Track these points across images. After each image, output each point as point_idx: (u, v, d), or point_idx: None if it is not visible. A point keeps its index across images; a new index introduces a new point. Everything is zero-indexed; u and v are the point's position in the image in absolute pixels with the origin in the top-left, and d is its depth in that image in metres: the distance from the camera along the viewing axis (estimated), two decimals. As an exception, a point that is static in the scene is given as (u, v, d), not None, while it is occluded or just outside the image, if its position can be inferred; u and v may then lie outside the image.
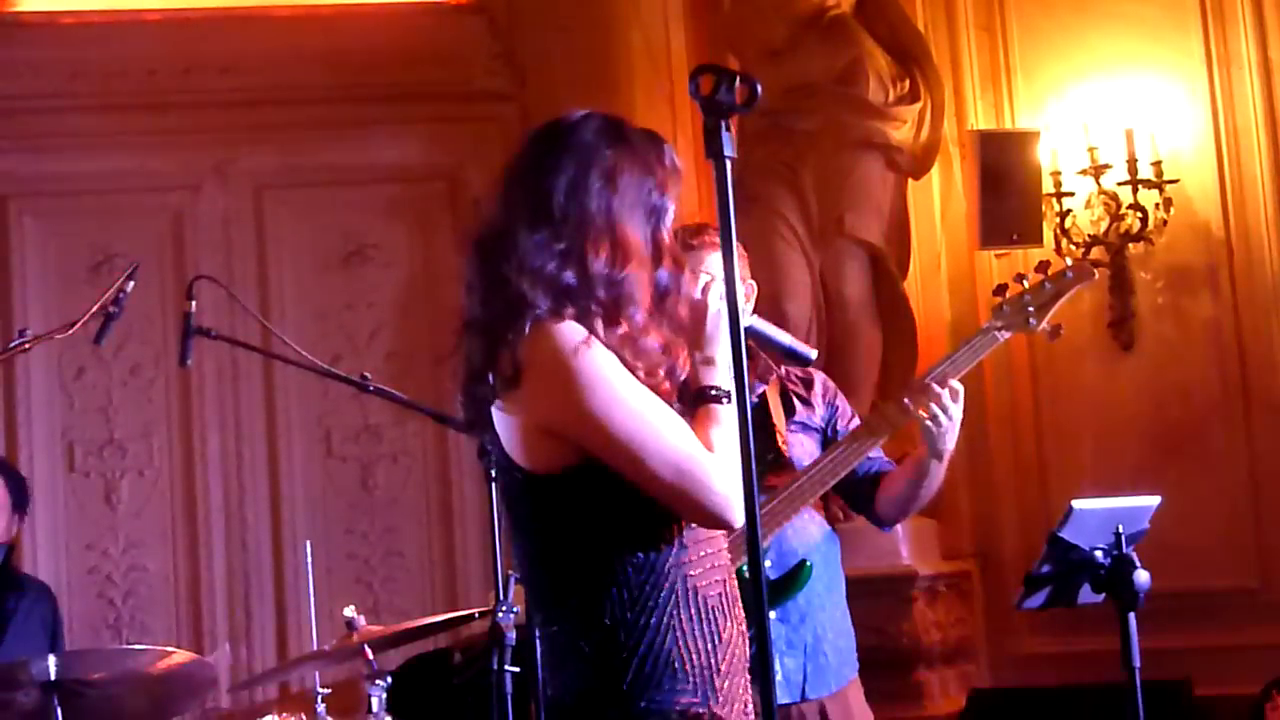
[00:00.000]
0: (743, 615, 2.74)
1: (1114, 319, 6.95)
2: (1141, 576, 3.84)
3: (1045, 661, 6.81)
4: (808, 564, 3.89)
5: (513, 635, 4.17)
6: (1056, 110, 7.07)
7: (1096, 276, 4.11)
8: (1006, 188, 6.88)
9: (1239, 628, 6.68)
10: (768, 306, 4.30)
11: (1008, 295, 3.88)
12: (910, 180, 7.08)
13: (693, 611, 2.67)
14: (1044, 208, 6.97)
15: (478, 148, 7.59)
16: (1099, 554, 3.89)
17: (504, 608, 4.21)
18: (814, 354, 2.99)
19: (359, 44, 7.50)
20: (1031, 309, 3.85)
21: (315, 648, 4.82)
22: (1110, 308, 6.95)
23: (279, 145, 7.46)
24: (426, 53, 7.58)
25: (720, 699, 2.67)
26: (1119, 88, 6.94)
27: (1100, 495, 4.21)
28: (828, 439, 4.07)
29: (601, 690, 2.65)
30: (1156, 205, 6.89)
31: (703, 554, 2.70)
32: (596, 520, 2.65)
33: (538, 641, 2.82)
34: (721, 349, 2.73)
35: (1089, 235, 6.97)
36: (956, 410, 3.76)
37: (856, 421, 4.08)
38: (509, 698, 4.25)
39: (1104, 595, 3.95)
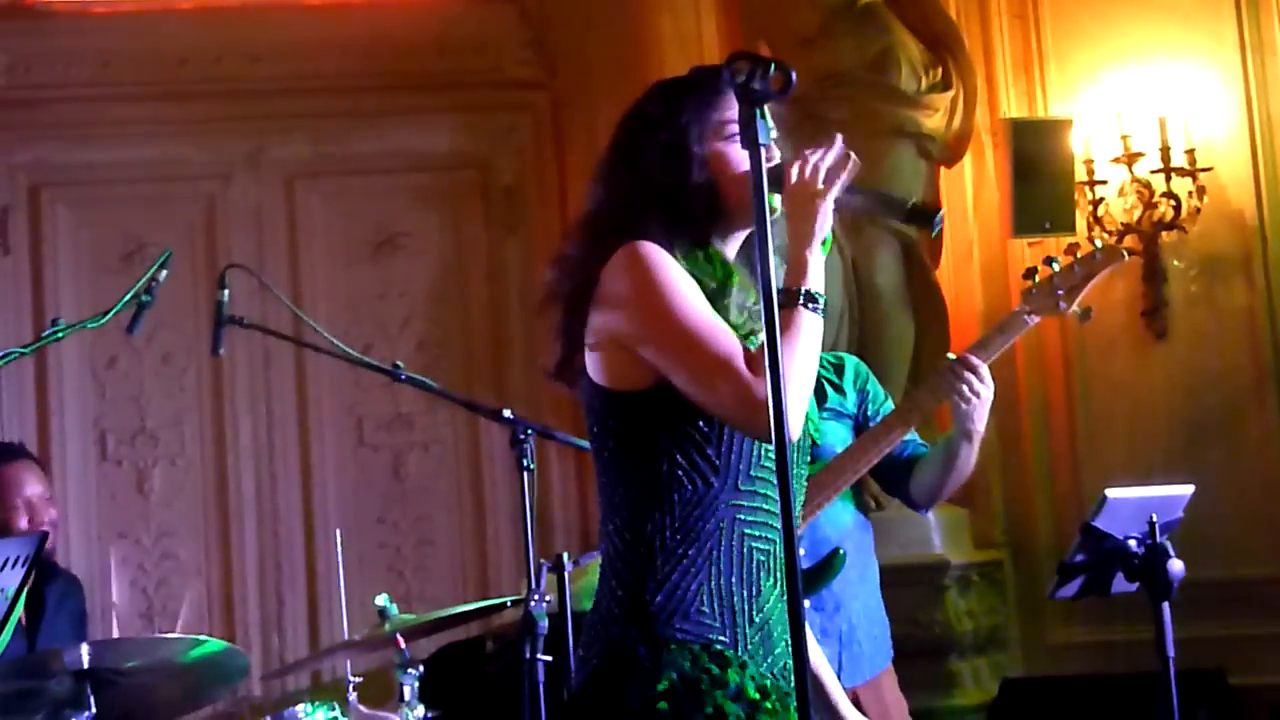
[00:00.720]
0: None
1: (1147, 307, 6.92)
2: (1175, 566, 3.84)
3: (1077, 651, 6.80)
4: (841, 552, 3.89)
5: (544, 624, 4.18)
6: (1089, 98, 7.04)
7: (1126, 258, 4.09)
8: (1039, 176, 6.85)
9: (1273, 617, 6.64)
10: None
11: (1037, 279, 3.86)
12: (943, 168, 7.07)
13: (736, 557, 2.69)
14: (1077, 196, 6.94)
15: (508, 136, 7.60)
16: (1133, 543, 3.89)
17: (536, 596, 4.21)
18: (942, 212, 2.90)
19: (389, 33, 7.50)
20: (1061, 292, 3.83)
21: (346, 636, 4.83)
22: (1143, 296, 6.92)
23: (310, 134, 7.48)
24: (457, 41, 7.58)
25: (748, 649, 2.68)
26: (1152, 75, 6.90)
27: (1133, 484, 4.21)
28: (859, 425, 4.07)
29: (630, 607, 2.68)
30: (1190, 193, 6.86)
31: (759, 506, 2.72)
32: (657, 443, 2.70)
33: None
34: (815, 245, 2.71)
35: (1122, 223, 6.94)
36: (985, 389, 3.75)
37: (889, 406, 4.08)
38: (541, 686, 4.26)
39: (1138, 584, 3.94)
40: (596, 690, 2.71)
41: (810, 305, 2.66)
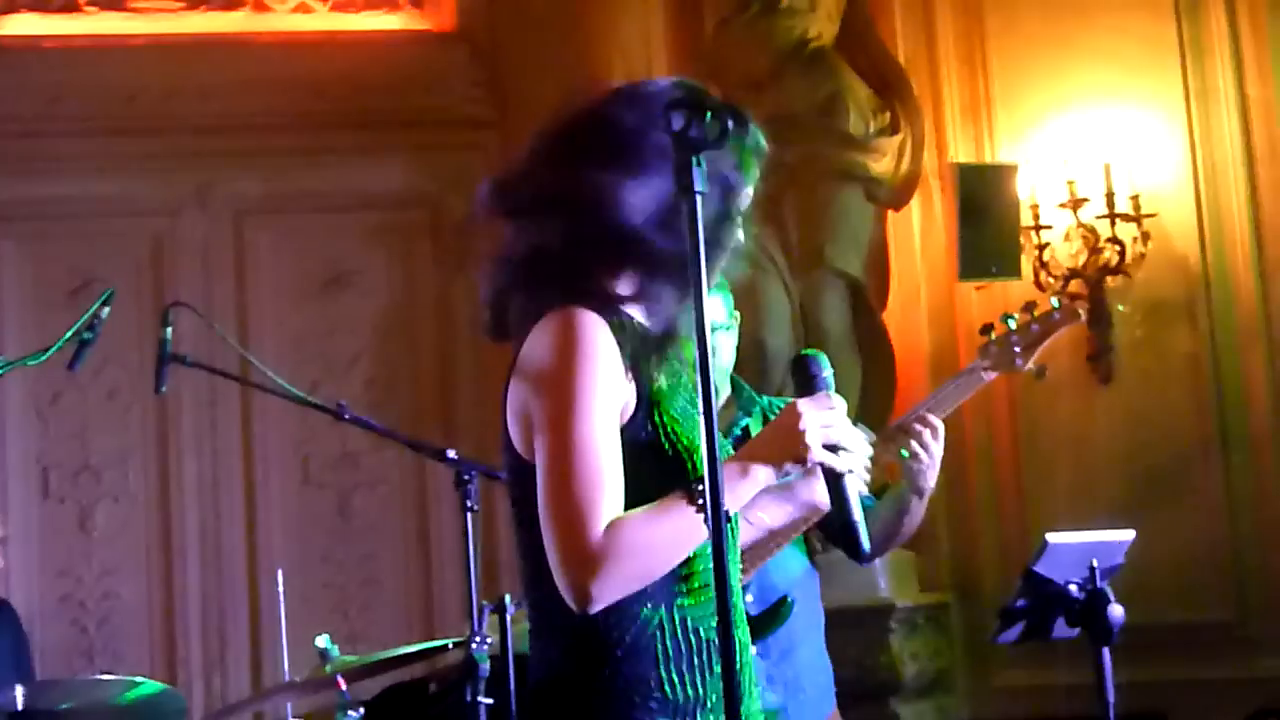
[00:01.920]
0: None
1: (1092, 352, 6.96)
2: (1115, 611, 3.84)
3: (1023, 694, 6.80)
4: (789, 600, 3.88)
5: (486, 666, 4.16)
6: (1036, 143, 7.09)
7: (1083, 317, 4.11)
8: (986, 220, 6.89)
9: (1216, 661, 6.68)
10: (747, 338, 4.30)
11: (994, 335, 3.86)
12: (890, 212, 7.10)
13: (680, 642, 2.51)
14: (1023, 240, 6.98)
15: (459, 175, 7.58)
16: (1073, 588, 3.89)
17: (478, 638, 4.20)
18: (866, 548, 2.65)
19: (341, 71, 7.49)
20: (1018, 349, 3.83)
21: (288, 678, 4.80)
22: (1089, 341, 6.96)
23: (260, 171, 7.46)
24: (408, 80, 7.57)
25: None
26: (1098, 121, 6.96)
27: (1078, 528, 4.22)
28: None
29: (585, 685, 2.50)
30: (1134, 239, 6.91)
31: (700, 584, 2.53)
32: None
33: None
34: (765, 473, 2.49)
35: (1067, 268, 6.98)
36: (937, 448, 3.74)
37: None
38: (483, 729, 4.24)
39: (1079, 629, 3.95)
40: None
41: (698, 508, 2.41)
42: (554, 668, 2.55)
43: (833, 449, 2.52)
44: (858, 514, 2.57)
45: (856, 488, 2.58)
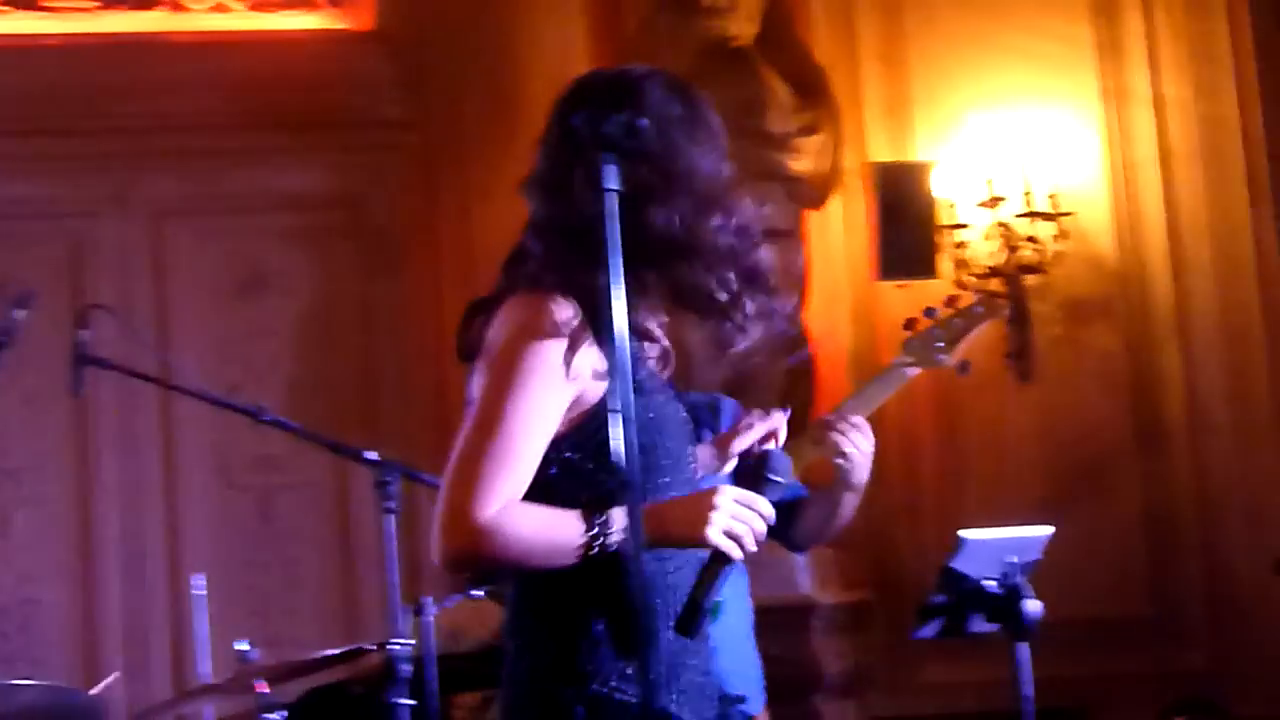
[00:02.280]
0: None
1: (1011, 350, 7.00)
2: (1032, 606, 3.86)
3: (943, 690, 6.83)
4: (718, 603, 3.89)
5: (408, 668, 4.16)
6: (955, 142, 7.13)
7: (1007, 311, 4.13)
8: (904, 219, 6.93)
9: (1133, 656, 6.75)
10: (668, 337, 4.29)
11: (915, 330, 3.87)
12: (811, 211, 7.12)
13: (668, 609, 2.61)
14: (941, 239, 7.02)
15: (379, 176, 7.57)
16: (991, 584, 3.91)
17: (399, 640, 4.19)
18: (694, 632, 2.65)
19: (261, 71, 7.45)
20: (940, 344, 3.84)
21: (209, 681, 4.78)
22: (1007, 339, 7.00)
23: (179, 172, 7.40)
24: (329, 80, 7.53)
25: (679, 699, 2.63)
26: (1016, 121, 7.01)
27: (999, 525, 4.24)
28: (738, 468, 4.06)
29: (559, 664, 2.59)
30: (1052, 237, 6.96)
31: (681, 564, 2.65)
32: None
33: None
34: (664, 534, 2.54)
35: (986, 266, 7.02)
36: (866, 444, 3.75)
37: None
38: (404, 730, 4.24)
39: (997, 625, 3.97)
40: None
41: (596, 543, 2.50)
42: (543, 649, 2.61)
43: (734, 539, 2.57)
44: (710, 600, 2.61)
45: (728, 577, 2.62)
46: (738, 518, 2.57)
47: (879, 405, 3.82)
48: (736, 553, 2.57)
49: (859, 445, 3.73)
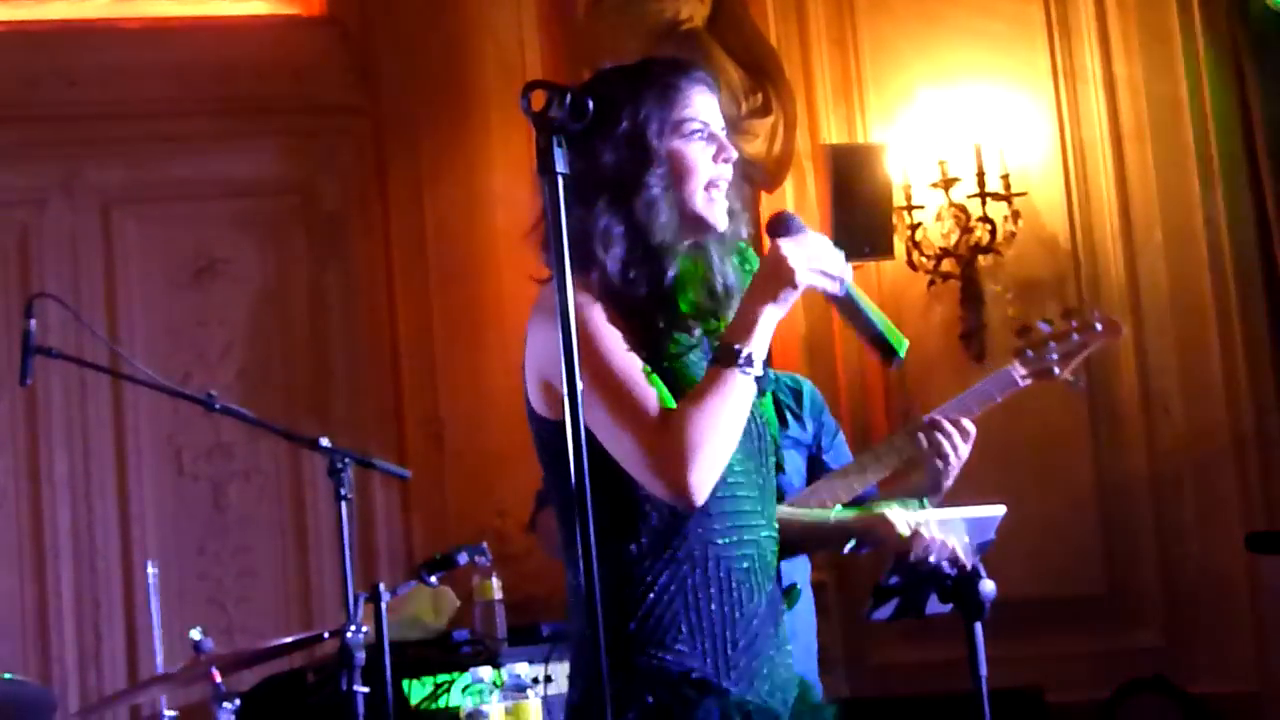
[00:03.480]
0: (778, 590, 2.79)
1: (965, 330, 7.02)
2: (987, 586, 3.85)
3: (900, 671, 6.87)
4: (797, 587, 3.88)
5: (362, 655, 4.14)
6: (907, 123, 7.14)
7: (1125, 333, 4.16)
8: (857, 200, 6.94)
9: (1089, 635, 6.78)
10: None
11: (1031, 339, 3.89)
12: (764, 193, 7.12)
13: (714, 580, 2.66)
14: (895, 220, 7.03)
15: (330, 161, 7.53)
16: (945, 565, 3.91)
17: (353, 627, 4.17)
18: (904, 350, 2.74)
19: (209, 57, 7.40)
20: (1055, 358, 3.87)
21: (162, 670, 4.76)
22: (961, 320, 7.03)
23: (127, 159, 7.35)
24: (278, 66, 7.49)
25: (734, 674, 2.66)
26: (968, 101, 7.02)
27: (953, 505, 4.25)
28: (813, 456, 4.04)
29: (606, 636, 2.55)
30: (1005, 218, 6.98)
31: (732, 523, 2.69)
32: (609, 473, 2.61)
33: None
34: (770, 312, 2.66)
35: (939, 248, 7.04)
36: (966, 450, 3.76)
37: (840, 439, 4.06)
38: (360, 718, 4.22)
39: (951, 605, 3.97)
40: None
41: (746, 368, 2.60)
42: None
43: (822, 273, 2.69)
44: (878, 319, 2.74)
45: (863, 297, 2.75)
46: (811, 255, 2.69)
47: (984, 411, 3.82)
48: (833, 284, 2.70)
49: (959, 448, 3.72)
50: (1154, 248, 7.00)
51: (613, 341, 2.63)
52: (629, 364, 2.61)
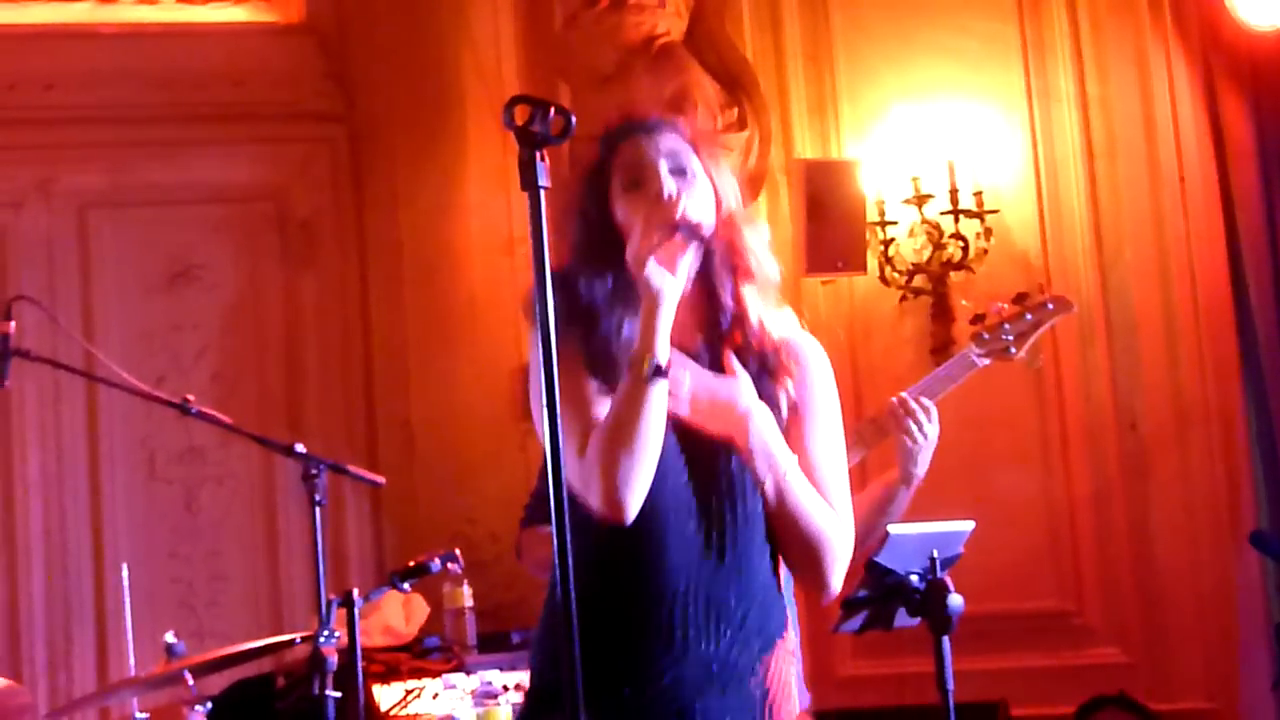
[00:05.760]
0: None
1: (936, 346, 7.05)
2: (955, 600, 3.90)
3: (867, 684, 6.88)
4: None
5: (334, 660, 4.16)
6: (881, 139, 7.18)
7: (1075, 308, 4.23)
8: (831, 216, 6.97)
9: (1054, 650, 6.82)
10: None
11: (986, 323, 3.96)
12: (739, 207, 7.15)
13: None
14: (868, 235, 7.06)
15: (305, 168, 7.55)
16: (914, 578, 3.95)
17: (325, 632, 4.19)
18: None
19: (186, 62, 7.42)
20: (1010, 338, 3.94)
21: (134, 673, 4.77)
22: (932, 335, 7.06)
23: (104, 164, 7.36)
24: (255, 72, 7.51)
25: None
26: (942, 118, 7.05)
27: (921, 520, 4.28)
28: None
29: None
30: (977, 234, 7.02)
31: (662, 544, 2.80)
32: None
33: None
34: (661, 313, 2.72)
35: (912, 264, 7.08)
36: (933, 430, 3.82)
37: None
38: (330, 723, 4.24)
39: (919, 619, 4.01)
40: None
41: (661, 377, 2.68)
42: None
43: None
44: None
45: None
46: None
47: (945, 394, 3.88)
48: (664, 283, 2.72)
49: (924, 427, 3.78)
50: (1124, 265, 7.04)
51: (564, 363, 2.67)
52: (573, 386, 2.70)
